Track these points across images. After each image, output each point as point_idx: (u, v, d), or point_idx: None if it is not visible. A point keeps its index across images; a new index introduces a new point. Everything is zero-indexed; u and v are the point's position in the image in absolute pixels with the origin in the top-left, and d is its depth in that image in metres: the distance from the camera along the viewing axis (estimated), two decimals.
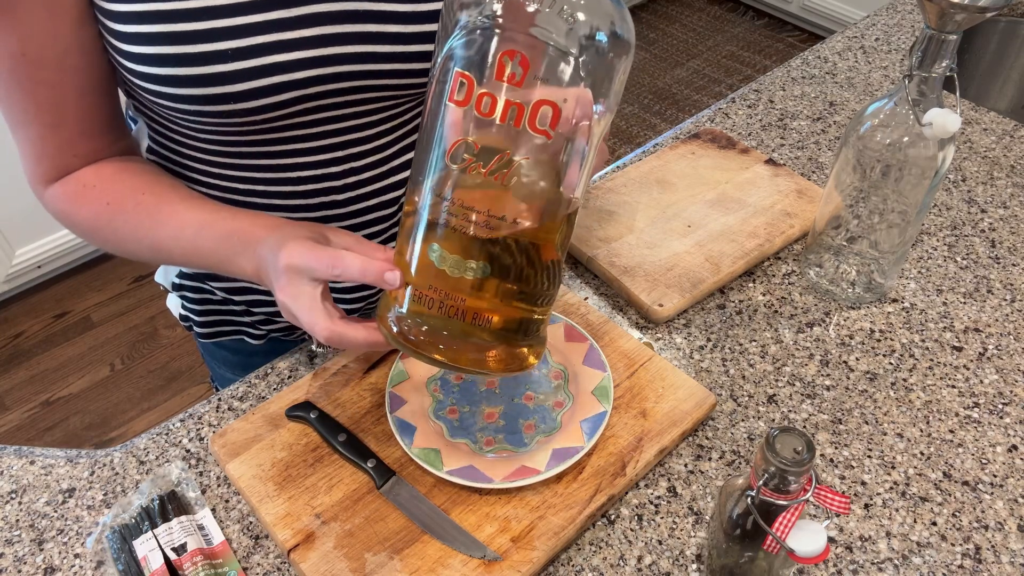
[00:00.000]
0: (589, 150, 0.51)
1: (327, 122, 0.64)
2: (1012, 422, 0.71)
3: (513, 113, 0.47)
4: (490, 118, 0.48)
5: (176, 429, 0.71)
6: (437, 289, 0.51)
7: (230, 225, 0.61)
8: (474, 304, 0.51)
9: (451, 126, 0.49)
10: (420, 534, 0.61)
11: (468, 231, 0.49)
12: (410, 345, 0.52)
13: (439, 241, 0.50)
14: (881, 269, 0.80)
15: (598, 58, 0.49)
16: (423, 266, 0.51)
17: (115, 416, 1.88)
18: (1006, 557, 0.62)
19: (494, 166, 0.48)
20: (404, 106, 0.68)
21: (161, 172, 0.67)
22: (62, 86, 0.59)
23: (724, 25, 3.16)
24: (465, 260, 0.50)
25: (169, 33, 0.55)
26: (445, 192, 0.50)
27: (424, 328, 0.52)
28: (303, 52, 0.58)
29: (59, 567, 0.62)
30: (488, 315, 0.51)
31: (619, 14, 0.49)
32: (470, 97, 0.48)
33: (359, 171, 0.68)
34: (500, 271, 0.51)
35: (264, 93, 0.58)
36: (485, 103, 0.47)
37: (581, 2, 0.48)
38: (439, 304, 0.51)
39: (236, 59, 0.56)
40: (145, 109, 0.66)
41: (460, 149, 0.49)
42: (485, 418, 0.68)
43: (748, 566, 0.56)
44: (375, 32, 0.59)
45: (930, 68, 0.66)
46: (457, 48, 0.49)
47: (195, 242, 0.62)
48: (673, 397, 0.70)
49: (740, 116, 1.06)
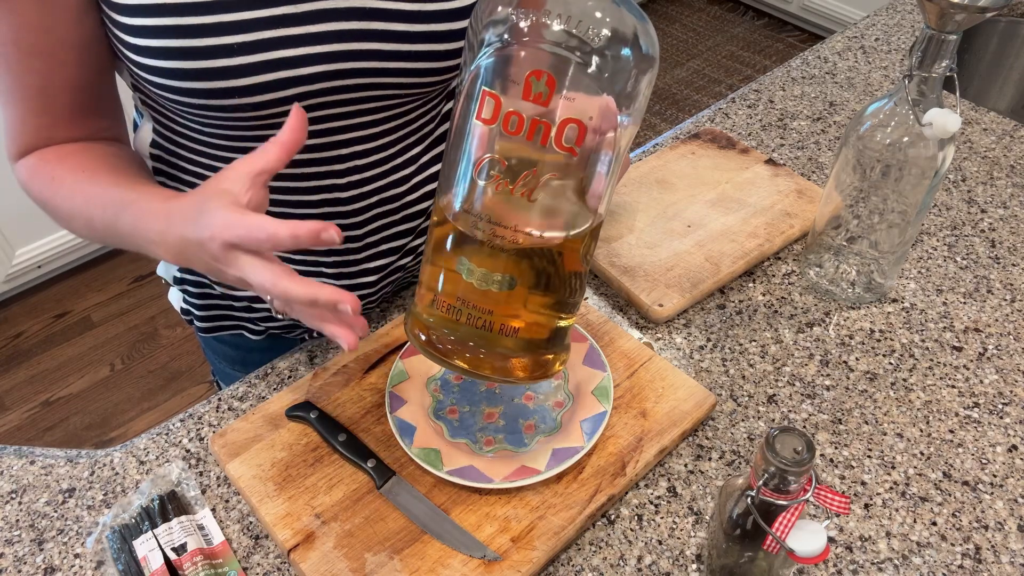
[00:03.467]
0: (614, 163, 0.52)
1: (331, 119, 0.64)
2: (1012, 422, 0.71)
3: (540, 131, 0.48)
4: (517, 136, 0.49)
5: (176, 429, 0.71)
6: (465, 300, 0.52)
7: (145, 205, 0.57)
8: (501, 315, 0.52)
9: (478, 143, 0.50)
10: (420, 534, 0.61)
11: (495, 244, 0.51)
12: (439, 354, 0.53)
13: (467, 254, 0.52)
14: (881, 269, 0.80)
15: (623, 74, 0.50)
16: (451, 278, 0.52)
17: (115, 416, 1.88)
18: (1006, 557, 0.62)
19: (521, 183, 0.49)
20: (409, 105, 0.68)
21: (121, 157, 0.65)
22: (51, 77, 0.59)
23: (724, 25, 3.16)
24: (492, 272, 0.51)
25: (175, 26, 0.55)
26: (472, 207, 0.51)
27: (452, 338, 0.53)
28: (309, 48, 0.58)
29: (59, 567, 0.62)
30: (514, 325, 0.53)
31: (643, 28, 0.50)
32: (497, 116, 0.49)
33: (362, 169, 0.68)
34: (526, 283, 0.52)
35: (269, 88, 0.58)
36: (512, 122, 0.48)
37: (606, 19, 0.48)
38: (467, 315, 0.52)
39: (242, 53, 0.56)
40: (151, 102, 0.66)
41: (487, 166, 0.50)
42: (485, 418, 0.68)
43: (748, 566, 0.56)
44: (381, 30, 0.59)
45: (930, 68, 0.66)
46: (484, 66, 0.50)
47: (117, 222, 0.59)
48: (673, 397, 0.70)
49: (740, 116, 1.06)
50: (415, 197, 0.74)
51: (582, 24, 0.47)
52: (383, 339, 0.75)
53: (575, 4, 0.48)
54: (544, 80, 0.47)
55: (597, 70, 0.48)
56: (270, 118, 0.61)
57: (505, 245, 0.50)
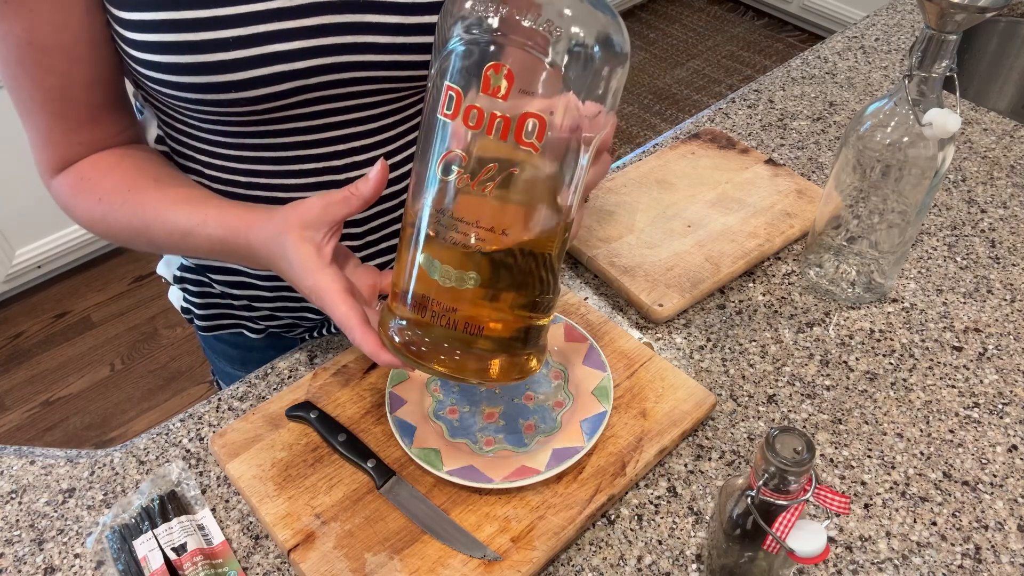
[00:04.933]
0: (583, 160, 0.51)
1: (329, 113, 0.64)
2: (1012, 422, 0.71)
3: (499, 126, 0.48)
4: (478, 131, 0.48)
5: (176, 429, 0.71)
6: (436, 301, 0.51)
7: (213, 232, 0.61)
8: (473, 315, 0.51)
9: (442, 139, 0.50)
10: (420, 534, 0.61)
11: (462, 243, 0.50)
12: (412, 356, 0.52)
13: (435, 253, 0.51)
14: (881, 269, 0.80)
15: (590, 69, 0.49)
16: (421, 278, 0.52)
17: (115, 416, 1.88)
18: (1006, 557, 0.62)
19: (482, 178, 0.49)
20: (406, 99, 0.68)
21: (154, 163, 0.67)
22: (69, 75, 0.59)
23: (724, 25, 3.16)
24: (461, 271, 0.50)
25: (171, 21, 0.55)
26: (439, 204, 0.50)
27: (426, 339, 0.52)
28: (304, 41, 0.58)
29: (59, 567, 0.62)
30: (487, 325, 0.52)
31: (613, 24, 0.49)
32: (459, 110, 0.48)
33: (361, 165, 0.68)
34: (497, 281, 0.51)
35: (265, 82, 0.58)
36: (473, 116, 0.48)
37: (571, 14, 0.47)
38: (439, 315, 0.51)
39: (237, 47, 0.56)
40: (152, 99, 0.66)
41: (450, 161, 0.49)
42: (485, 418, 0.68)
43: (748, 566, 0.56)
44: (376, 23, 0.59)
45: (930, 68, 0.66)
46: (448, 61, 0.49)
47: (186, 245, 0.62)
48: (673, 397, 0.70)
49: (740, 116, 1.06)
50: None
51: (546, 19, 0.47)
52: None
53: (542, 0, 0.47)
54: (503, 73, 0.47)
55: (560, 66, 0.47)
56: (267, 113, 0.61)
57: (470, 243, 0.50)
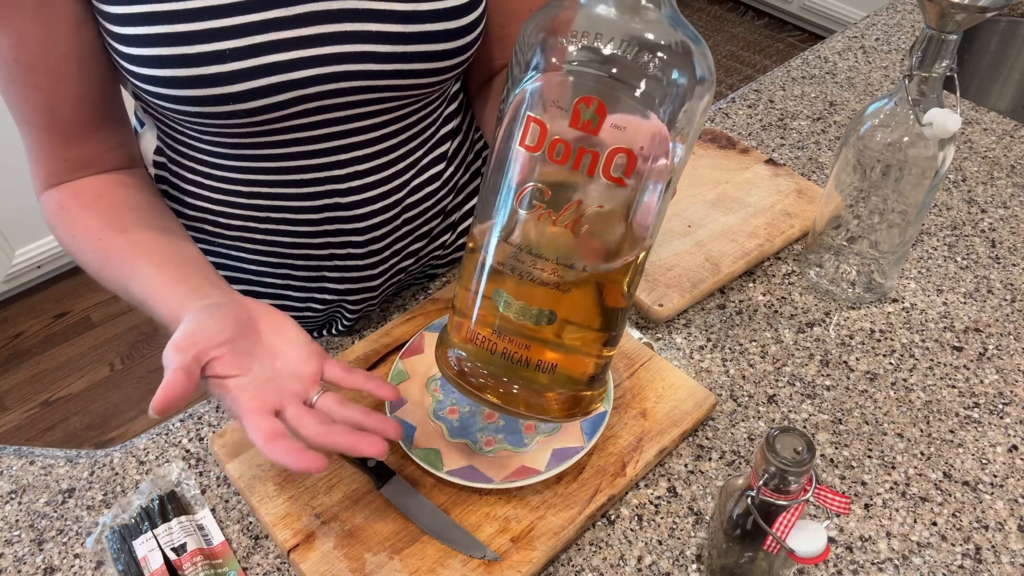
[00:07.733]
0: (664, 192, 0.49)
1: (329, 124, 0.63)
2: (1012, 422, 0.71)
3: (587, 161, 0.46)
4: (563, 165, 0.46)
5: (176, 429, 0.71)
6: (501, 333, 0.49)
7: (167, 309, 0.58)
8: (538, 350, 0.49)
9: (520, 170, 0.48)
10: (420, 534, 0.61)
11: (535, 278, 0.48)
12: (471, 387, 0.51)
13: (504, 286, 0.49)
14: (881, 269, 0.80)
15: (677, 100, 0.47)
16: (487, 308, 0.50)
17: (115, 416, 1.88)
18: (1006, 557, 0.62)
19: (565, 214, 0.47)
20: (407, 108, 0.67)
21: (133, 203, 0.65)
22: (54, 93, 0.59)
23: (724, 25, 3.16)
24: (531, 306, 0.49)
25: (167, 34, 0.54)
26: (512, 237, 0.48)
27: (485, 371, 0.50)
28: (301, 51, 0.57)
29: (59, 567, 0.62)
30: (552, 361, 0.50)
31: (698, 52, 0.47)
32: (542, 143, 0.46)
33: (363, 174, 0.68)
34: (566, 317, 0.49)
35: (263, 93, 0.58)
36: (558, 150, 0.46)
37: (659, 43, 0.45)
38: (502, 349, 0.49)
39: (234, 59, 0.55)
40: (151, 111, 0.66)
41: (529, 195, 0.47)
42: (485, 418, 0.68)
43: (748, 566, 0.56)
44: (374, 31, 0.59)
45: (930, 68, 0.66)
46: (529, 91, 0.47)
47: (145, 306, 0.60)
48: (673, 397, 0.70)
49: (740, 116, 1.06)
50: (415, 199, 0.74)
51: (634, 48, 0.45)
52: (383, 339, 0.75)
53: (627, 27, 0.45)
54: (594, 107, 0.45)
55: (650, 96, 0.45)
56: (267, 124, 0.61)
57: (545, 278, 0.48)
